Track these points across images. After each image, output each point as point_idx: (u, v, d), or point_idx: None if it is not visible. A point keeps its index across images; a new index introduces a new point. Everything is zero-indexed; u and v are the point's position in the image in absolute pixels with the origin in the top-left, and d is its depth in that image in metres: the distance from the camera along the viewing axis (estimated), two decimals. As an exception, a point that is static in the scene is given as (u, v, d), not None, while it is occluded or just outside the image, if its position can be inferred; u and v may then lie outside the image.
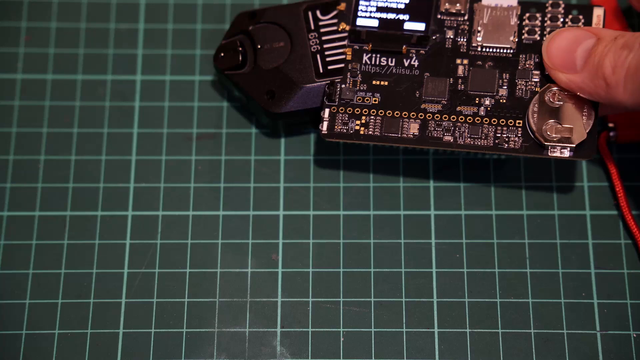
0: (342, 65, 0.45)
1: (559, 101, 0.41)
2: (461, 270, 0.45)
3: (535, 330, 0.44)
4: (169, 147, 0.47)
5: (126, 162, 0.47)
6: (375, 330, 0.44)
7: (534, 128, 0.41)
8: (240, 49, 0.46)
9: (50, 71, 0.49)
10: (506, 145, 0.42)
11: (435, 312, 0.44)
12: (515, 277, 0.45)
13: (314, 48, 0.45)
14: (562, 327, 0.43)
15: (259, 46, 0.46)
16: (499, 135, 0.42)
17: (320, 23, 0.46)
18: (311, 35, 0.45)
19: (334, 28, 0.46)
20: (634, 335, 0.43)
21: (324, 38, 0.45)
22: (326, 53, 0.45)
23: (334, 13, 0.46)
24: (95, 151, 0.47)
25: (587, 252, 0.45)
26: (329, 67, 0.45)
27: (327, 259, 0.45)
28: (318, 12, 0.46)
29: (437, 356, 0.43)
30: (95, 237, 0.45)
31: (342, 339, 0.44)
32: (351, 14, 0.44)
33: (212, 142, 0.47)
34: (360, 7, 0.44)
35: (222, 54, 0.46)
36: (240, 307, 0.44)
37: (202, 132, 0.47)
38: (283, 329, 0.44)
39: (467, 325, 0.44)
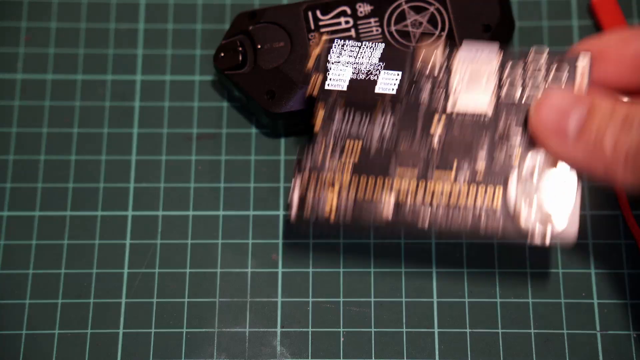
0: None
1: (539, 178, 0.38)
2: (461, 270, 0.45)
3: (535, 330, 0.44)
4: (169, 147, 0.47)
5: (126, 162, 0.47)
6: (375, 330, 0.44)
7: (513, 213, 0.38)
8: (240, 49, 0.46)
9: (50, 71, 0.49)
10: (484, 226, 0.38)
11: (435, 312, 0.44)
12: (515, 277, 0.45)
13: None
14: (562, 327, 0.43)
15: (259, 46, 0.46)
16: (477, 214, 0.39)
17: (320, 23, 0.46)
18: (311, 35, 0.46)
19: (335, 28, 0.46)
20: (634, 335, 0.43)
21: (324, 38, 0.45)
22: (326, 53, 0.45)
23: (334, 13, 0.46)
24: (95, 151, 0.47)
25: (587, 252, 0.45)
26: (329, 67, 0.45)
27: (327, 259, 0.45)
28: (318, 12, 0.46)
29: (437, 356, 0.43)
30: (95, 237, 0.45)
31: (342, 339, 0.44)
32: (321, 70, 0.40)
33: (212, 142, 0.47)
34: (330, 64, 0.40)
35: (222, 54, 0.46)
36: (240, 307, 0.44)
37: (202, 132, 0.47)
38: (283, 329, 0.44)
39: (467, 325, 0.44)
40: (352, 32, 0.46)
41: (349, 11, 0.46)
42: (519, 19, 0.49)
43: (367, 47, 0.41)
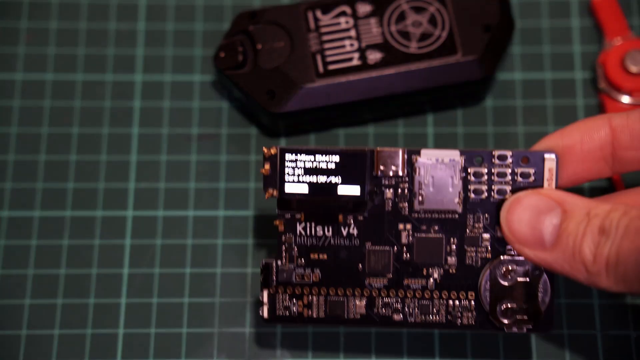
0: (343, 65, 0.45)
1: (512, 277, 0.39)
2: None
3: (535, 330, 0.44)
4: (169, 147, 0.47)
5: (126, 162, 0.47)
6: (375, 330, 0.44)
7: (487, 309, 0.39)
8: (240, 49, 0.46)
9: (50, 71, 0.49)
10: (459, 321, 0.39)
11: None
12: (515, 277, 0.45)
13: (314, 48, 0.45)
14: (562, 327, 0.43)
15: (259, 46, 0.46)
16: (451, 310, 0.39)
17: (320, 23, 0.46)
18: (311, 35, 0.46)
19: (335, 28, 0.46)
20: (634, 335, 0.43)
21: (324, 38, 0.45)
22: (326, 53, 0.45)
23: (335, 13, 0.46)
24: (95, 151, 0.47)
25: (587, 252, 0.45)
26: (329, 67, 0.45)
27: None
28: (318, 12, 0.46)
29: (437, 356, 0.43)
30: (95, 237, 0.45)
31: (341, 339, 0.44)
32: (277, 178, 0.39)
33: (212, 142, 0.47)
34: (286, 171, 0.39)
35: (222, 54, 0.46)
36: (240, 307, 0.44)
37: (202, 132, 0.47)
38: (282, 329, 0.44)
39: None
40: (352, 32, 0.46)
41: (349, 11, 0.46)
42: (519, 18, 0.49)
43: (323, 157, 0.39)
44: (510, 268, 0.39)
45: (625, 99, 0.46)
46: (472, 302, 0.39)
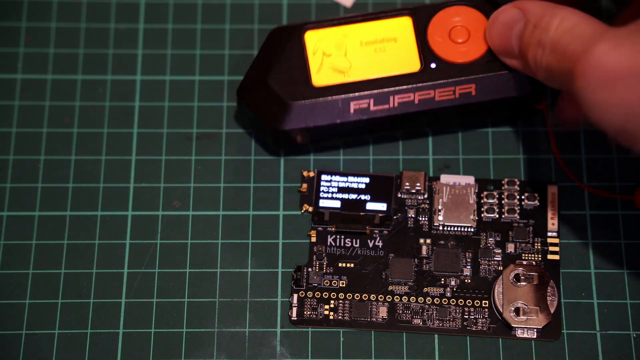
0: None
1: (522, 282, 0.43)
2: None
3: (535, 330, 0.44)
4: (169, 147, 0.47)
5: (126, 162, 0.47)
6: (375, 330, 0.44)
7: (500, 310, 0.42)
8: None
9: (50, 71, 0.49)
10: (474, 327, 0.43)
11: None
12: (515, 277, 0.45)
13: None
14: (562, 327, 0.43)
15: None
16: (467, 317, 0.43)
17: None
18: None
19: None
20: (634, 335, 0.43)
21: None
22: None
23: None
24: (95, 151, 0.47)
25: (587, 252, 0.45)
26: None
27: (327, 259, 0.45)
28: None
29: (437, 356, 0.43)
30: (95, 237, 0.45)
31: (342, 339, 0.44)
32: (313, 195, 0.44)
33: (212, 142, 0.47)
34: (321, 188, 0.44)
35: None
36: (240, 307, 0.44)
37: (202, 132, 0.47)
38: (283, 329, 0.44)
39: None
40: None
41: None
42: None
43: (353, 180, 0.44)
44: (521, 273, 0.42)
45: None
46: (486, 310, 0.43)
